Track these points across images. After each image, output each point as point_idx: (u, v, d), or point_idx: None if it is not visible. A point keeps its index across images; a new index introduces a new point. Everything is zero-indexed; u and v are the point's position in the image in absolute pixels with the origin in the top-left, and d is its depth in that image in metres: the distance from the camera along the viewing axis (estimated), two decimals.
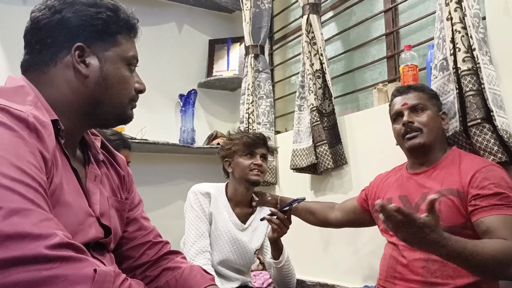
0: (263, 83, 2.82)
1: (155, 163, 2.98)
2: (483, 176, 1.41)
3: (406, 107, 1.59)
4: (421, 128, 1.55)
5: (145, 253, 1.11)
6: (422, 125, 1.55)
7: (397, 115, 1.62)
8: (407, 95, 1.60)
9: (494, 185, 1.38)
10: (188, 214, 1.89)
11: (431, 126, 1.55)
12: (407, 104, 1.59)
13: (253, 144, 1.91)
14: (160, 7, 3.10)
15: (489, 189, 1.38)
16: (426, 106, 1.57)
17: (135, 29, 1.00)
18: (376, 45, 2.39)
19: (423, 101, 1.58)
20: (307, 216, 1.95)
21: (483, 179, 1.40)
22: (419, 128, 1.55)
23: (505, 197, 1.36)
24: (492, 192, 1.37)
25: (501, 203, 1.35)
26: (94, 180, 0.98)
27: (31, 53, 0.94)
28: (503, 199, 1.36)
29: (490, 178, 1.40)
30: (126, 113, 1.00)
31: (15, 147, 0.73)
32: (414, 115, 1.57)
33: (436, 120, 1.58)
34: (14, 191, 0.69)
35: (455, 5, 1.62)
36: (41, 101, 0.88)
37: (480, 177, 1.41)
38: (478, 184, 1.40)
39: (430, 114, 1.57)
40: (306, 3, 2.38)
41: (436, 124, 1.57)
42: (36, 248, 0.65)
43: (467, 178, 1.43)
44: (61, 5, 0.92)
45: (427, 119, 1.56)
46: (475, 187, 1.40)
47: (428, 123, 1.55)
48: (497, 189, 1.37)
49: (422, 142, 1.55)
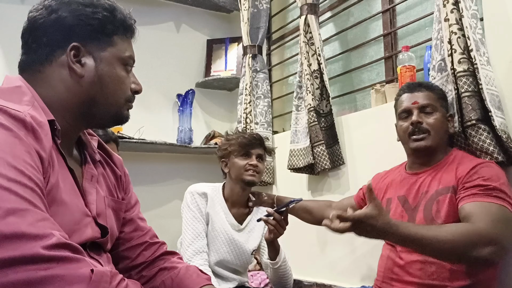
0: (261, 83, 2.83)
1: (152, 162, 2.98)
2: (475, 171, 1.41)
3: (416, 106, 1.56)
4: (429, 130, 1.53)
5: (142, 253, 1.11)
6: (430, 127, 1.53)
7: (406, 113, 1.59)
8: (418, 93, 1.57)
9: (482, 179, 1.38)
10: (185, 214, 1.89)
11: (438, 129, 1.54)
12: (418, 103, 1.56)
13: (249, 145, 1.90)
14: (158, 6, 3.09)
15: (476, 181, 1.38)
16: (436, 108, 1.55)
17: (132, 29, 1.00)
18: (374, 46, 2.39)
19: (433, 102, 1.56)
20: (304, 215, 1.95)
21: (474, 173, 1.41)
22: (427, 129, 1.53)
23: (490, 188, 1.35)
24: (476, 184, 1.37)
25: (482, 193, 1.35)
26: (90, 180, 0.98)
27: (28, 53, 0.94)
28: (486, 190, 1.35)
29: (481, 173, 1.40)
30: (122, 114, 0.99)
31: (11, 147, 0.73)
32: (423, 116, 1.55)
33: (444, 123, 1.57)
34: (11, 191, 0.69)
35: (452, 6, 1.63)
36: (38, 101, 0.88)
37: (472, 172, 1.42)
38: (468, 178, 1.41)
39: (439, 116, 1.55)
40: (304, 3, 2.39)
41: (443, 127, 1.56)
42: (33, 248, 0.65)
43: (463, 174, 1.43)
44: (58, 5, 0.92)
45: (435, 122, 1.54)
46: (464, 181, 1.41)
47: (436, 126, 1.54)
48: (482, 182, 1.37)
49: (428, 145, 1.54)
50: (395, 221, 1.24)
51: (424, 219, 1.48)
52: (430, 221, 1.46)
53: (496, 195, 1.34)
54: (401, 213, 1.57)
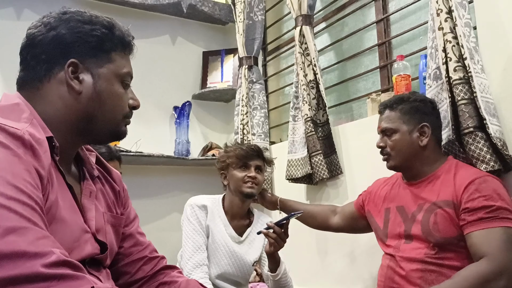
0: (257, 94, 2.83)
1: (150, 175, 2.97)
2: (475, 187, 1.41)
3: (379, 130, 1.64)
4: (389, 153, 1.60)
5: (141, 268, 1.11)
6: (390, 148, 1.59)
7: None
8: (382, 116, 1.64)
9: (484, 198, 1.39)
10: (185, 227, 1.88)
11: (399, 149, 1.58)
12: (380, 127, 1.63)
13: (246, 156, 1.90)
14: (153, 19, 3.11)
15: (478, 202, 1.39)
16: (396, 128, 1.58)
17: (130, 46, 1.00)
18: (369, 55, 2.41)
19: (392, 123, 1.59)
20: (307, 219, 1.95)
21: (474, 191, 1.41)
22: (388, 152, 1.60)
23: (493, 210, 1.37)
24: (481, 206, 1.38)
25: (488, 216, 1.37)
26: (89, 196, 0.98)
27: (26, 69, 0.94)
28: (491, 212, 1.37)
29: (481, 190, 1.40)
30: (120, 130, 1.00)
31: (10, 165, 0.73)
32: (386, 138, 1.61)
33: (405, 140, 1.57)
34: (10, 210, 0.69)
35: (446, 15, 1.64)
36: (36, 118, 0.88)
37: (472, 188, 1.41)
38: (469, 196, 1.41)
39: (399, 136, 1.58)
40: (299, 14, 2.40)
41: (405, 145, 1.57)
42: (33, 267, 0.65)
43: (461, 190, 1.43)
44: (57, 22, 0.92)
45: (394, 143, 1.59)
46: (466, 200, 1.41)
47: (395, 147, 1.58)
48: (486, 202, 1.38)
49: (393, 165, 1.61)
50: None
51: (421, 230, 1.49)
52: (427, 232, 1.47)
53: (503, 216, 1.36)
54: (399, 223, 1.58)
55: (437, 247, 1.46)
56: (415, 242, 1.51)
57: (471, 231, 1.38)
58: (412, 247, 1.51)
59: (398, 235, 1.58)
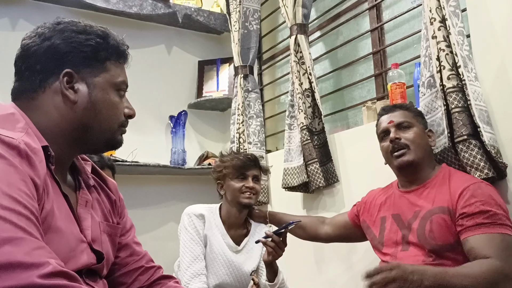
0: (253, 103, 2.84)
1: (146, 185, 2.96)
2: (471, 193, 1.41)
3: (392, 124, 1.60)
4: (408, 145, 1.56)
5: (138, 278, 1.10)
6: (409, 141, 1.56)
7: (384, 133, 1.63)
8: (393, 113, 1.62)
9: (481, 203, 1.39)
10: (182, 237, 1.87)
11: (418, 143, 1.56)
12: (393, 122, 1.60)
13: (244, 166, 1.89)
14: (148, 29, 3.12)
15: (476, 207, 1.38)
16: (412, 124, 1.59)
17: (125, 55, 1.01)
18: (364, 64, 2.42)
19: (409, 119, 1.60)
20: (296, 231, 1.95)
21: (470, 196, 1.41)
22: (406, 144, 1.56)
23: (491, 215, 1.37)
24: (478, 211, 1.38)
25: (486, 222, 1.36)
26: (85, 206, 0.98)
27: (21, 80, 0.94)
28: (489, 217, 1.37)
29: (477, 195, 1.40)
30: (116, 139, 1.00)
31: (6, 175, 0.73)
32: (401, 132, 1.58)
33: (423, 137, 1.59)
34: (6, 220, 0.68)
35: (439, 24, 1.66)
36: (31, 127, 0.88)
37: (467, 194, 1.42)
38: (465, 202, 1.41)
39: (417, 130, 1.58)
40: (294, 23, 2.42)
41: (423, 141, 1.58)
42: (29, 278, 0.65)
43: (456, 196, 1.44)
44: (51, 32, 0.93)
45: (414, 136, 1.57)
46: (462, 205, 1.41)
47: (415, 140, 1.56)
48: (483, 207, 1.38)
49: (411, 159, 1.55)
50: (421, 267, 1.28)
51: (417, 238, 1.49)
52: (423, 240, 1.47)
53: (501, 223, 1.36)
54: (395, 231, 1.58)
55: (434, 254, 1.46)
56: (412, 249, 1.51)
57: (469, 236, 1.38)
58: (410, 254, 1.51)
59: (394, 243, 1.58)
